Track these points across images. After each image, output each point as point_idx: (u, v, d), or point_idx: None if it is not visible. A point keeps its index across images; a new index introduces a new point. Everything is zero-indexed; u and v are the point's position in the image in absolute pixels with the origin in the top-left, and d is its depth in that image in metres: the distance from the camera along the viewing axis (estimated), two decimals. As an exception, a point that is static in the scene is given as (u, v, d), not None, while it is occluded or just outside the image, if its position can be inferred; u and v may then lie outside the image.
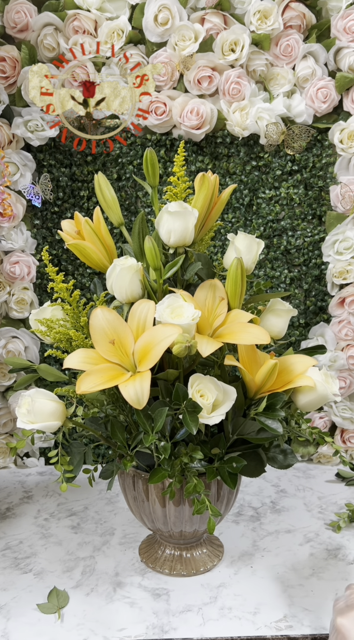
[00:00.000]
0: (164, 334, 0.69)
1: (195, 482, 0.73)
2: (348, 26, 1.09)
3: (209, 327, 0.76)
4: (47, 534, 0.98)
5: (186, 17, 1.10)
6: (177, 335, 0.67)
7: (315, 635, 0.73)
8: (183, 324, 0.69)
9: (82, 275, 1.22)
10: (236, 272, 0.75)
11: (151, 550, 0.90)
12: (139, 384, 0.67)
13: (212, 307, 0.77)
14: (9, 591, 0.83)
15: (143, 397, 0.66)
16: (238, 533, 0.98)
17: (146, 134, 1.17)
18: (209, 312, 0.77)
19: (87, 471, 0.81)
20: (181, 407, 0.71)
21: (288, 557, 0.91)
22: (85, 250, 0.80)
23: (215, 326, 0.76)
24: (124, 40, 1.10)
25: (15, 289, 1.16)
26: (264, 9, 1.08)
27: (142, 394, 0.66)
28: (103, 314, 0.73)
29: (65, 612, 0.78)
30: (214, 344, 0.71)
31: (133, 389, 0.66)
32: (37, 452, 1.25)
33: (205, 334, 0.76)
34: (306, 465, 1.25)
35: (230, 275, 0.75)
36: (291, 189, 1.19)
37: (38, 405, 0.72)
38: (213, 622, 0.76)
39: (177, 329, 0.68)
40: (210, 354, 0.71)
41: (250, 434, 0.78)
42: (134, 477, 0.81)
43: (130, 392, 0.66)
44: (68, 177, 1.18)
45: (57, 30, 1.10)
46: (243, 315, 0.76)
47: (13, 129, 1.11)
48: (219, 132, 1.16)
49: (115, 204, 0.84)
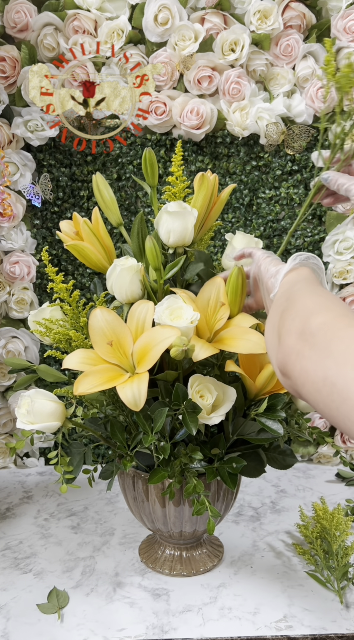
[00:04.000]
0: (162, 335, 0.68)
1: (194, 482, 0.73)
2: (348, 26, 1.09)
3: (209, 330, 0.76)
4: (47, 534, 0.98)
5: (186, 17, 1.10)
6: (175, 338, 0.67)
7: (315, 635, 0.73)
8: (181, 326, 0.69)
9: (82, 275, 1.22)
10: (237, 281, 0.73)
11: (151, 551, 0.90)
12: (137, 385, 0.66)
13: (215, 309, 0.76)
14: (9, 591, 0.83)
15: (141, 399, 0.66)
16: (238, 533, 0.98)
17: (146, 134, 1.17)
18: (211, 314, 0.76)
19: (87, 471, 0.81)
20: (181, 407, 0.71)
21: (288, 557, 0.91)
22: (84, 251, 0.80)
23: (216, 328, 0.75)
24: (124, 40, 1.10)
25: (15, 289, 1.16)
26: (264, 9, 1.08)
27: (139, 396, 0.66)
28: (102, 315, 0.73)
29: (65, 612, 0.78)
30: (208, 350, 0.70)
31: (131, 390, 0.66)
32: (37, 452, 1.25)
33: (204, 336, 0.75)
34: (306, 465, 1.25)
35: (231, 283, 0.73)
36: (291, 189, 1.19)
37: (37, 406, 0.72)
38: (213, 622, 0.76)
39: (176, 330, 0.68)
40: (209, 356, 0.70)
41: (250, 435, 0.78)
42: (134, 477, 0.81)
43: (127, 394, 0.66)
44: (68, 177, 1.18)
45: (57, 30, 1.10)
46: (246, 320, 0.75)
47: (13, 129, 1.11)
48: (219, 132, 1.16)
49: (113, 205, 0.84)
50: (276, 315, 0.56)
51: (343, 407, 0.41)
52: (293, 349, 0.48)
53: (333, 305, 0.50)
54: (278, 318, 0.54)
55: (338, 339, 0.44)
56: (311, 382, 0.45)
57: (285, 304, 0.55)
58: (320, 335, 0.46)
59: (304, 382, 0.46)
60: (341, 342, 0.43)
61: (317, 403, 0.45)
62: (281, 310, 0.54)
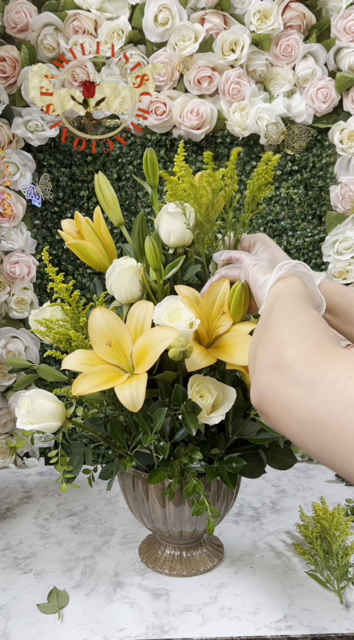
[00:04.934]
0: (161, 336, 0.68)
1: (194, 482, 0.73)
2: (348, 26, 1.09)
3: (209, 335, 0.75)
4: (47, 534, 0.98)
5: (186, 17, 1.10)
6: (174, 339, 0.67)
7: (315, 635, 0.73)
8: (180, 328, 0.68)
9: (82, 275, 1.22)
10: (241, 297, 0.72)
11: (151, 551, 0.90)
12: (135, 386, 0.66)
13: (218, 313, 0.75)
14: (9, 591, 0.83)
15: (139, 400, 0.66)
16: (238, 533, 0.98)
17: (146, 134, 1.17)
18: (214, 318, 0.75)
19: (87, 471, 0.81)
20: (180, 407, 0.71)
21: (288, 557, 0.91)
22: (85, 250, 0.80)
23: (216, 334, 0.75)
24: (124, 40, 1.10)
25: (15, 289, 1.16)
26: (264, 9, 1.08)
27: (137, 397, 0.66)
28: (102, 315, 0.72)
29: (65, 612, 0.78)
30: (203, 361, 0.70)
31: (129, 391, 0.66)
32: (37, 452, 1.25)
33: (204, 339, 0.75)
34: (306, 465, 1.25)
35: (233, 298, 0.73)
36: (291, 189, 1.19)
37: (38, 406, 0.72)
38: (213, 622, 0.76)
39: (175, 331, 0.68)
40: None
41: (250, 435, 0.78)
42: (134, 477, 0.81)
43: (125, 395, 0.66)
44: (68, 177, 1.18)
45: (57, 30, 1.10)
46: (247, 325, 0.74)
47: (13, 129, 1.11)
48: (219, 132, 1.16)
49: (115, 204, 0.84)
50: (254, 338, 0.52)
51: (340, 450, 0.37)
52: (269, 386, 0.44)
53: (308, 332, 0.46)
54: (255, 343, 0.51)
55: (319, 374, 0.40)
56: (298, 423, 0.41)
57: (262, 327, 0.51)
58: (298, 370, 0.42)
59: (288, 423, 0.42)
60: (324, 379, 0.39)
61: (306, 445, 0.41)
62: (259, 335, 0.51)
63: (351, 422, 0.36)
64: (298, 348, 0.44)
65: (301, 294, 0.55)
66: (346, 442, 0.37)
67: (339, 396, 0.38)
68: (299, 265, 0.60)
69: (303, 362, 0.42)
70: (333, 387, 0.38)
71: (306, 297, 0.56)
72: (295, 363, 0.43)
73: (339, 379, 0.38)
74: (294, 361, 0.43)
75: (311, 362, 0.42)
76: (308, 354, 0.43)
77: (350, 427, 0.36)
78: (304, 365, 0.42)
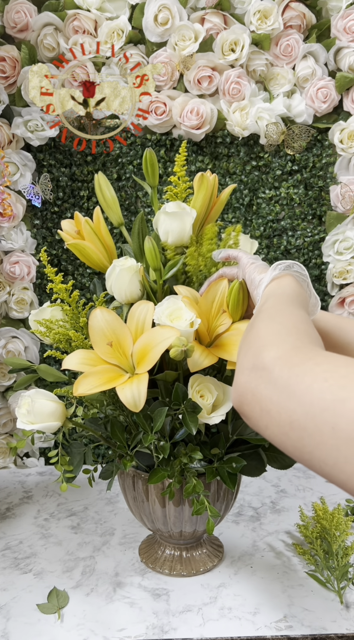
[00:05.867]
0: (162, 336, 0.68)
1: (194, 482, 0.73)
2: (348, 26, 1.09)
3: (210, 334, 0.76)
4: (47, 534, 0.98)
5: (186, 17, 1.10)
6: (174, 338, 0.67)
7: (315, 635, 0.73)
8: (180, 328, 0.68)
9: (82, 275, 1.22)
10: (239, 295, 0.72)
11: (151, 551, 0.90)
12: (136, 386, 0.66)
13: (218, 312, 0.75)
14: (9, 591, 0.83)
15: (140, 400, 0.66)
16: (238, 533, 0.98)
17: (146, 134, 1.17)
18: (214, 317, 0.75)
19: (87, 471, 0.81)
20: (181, 407, 0.71)
21: (288, 557, 0.91)
22: (85, 250, 0.80)
23: (216, 333, 0.75)
24: (124, 40, 1.10)
25: (15, 289, 1.16)
26: (264, 9, 1.08)
27: (138, 397, 0.65)
28: (102, 315, 0.72)
29: (65, 612, 0.78)
30: (206, 360, 0.70)
31: (130, 391, 0.66)
32: (37, 452, 1.25)
33: (205, 339, 0.75)
34: (306, 465, 1.25)
35: (232, 296, 0.73)
36: (291, 189, 1.19)
37: (38, 406, 0.72)
38: (213, 622, 0.76)
39: (175, 331, 0.68)
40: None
41: (250, 434, 0.78)
42: (134, 477, 0.81)
43: (127, 395, 0.66)
44: (68, 177, 1.18)
45: (57, 30, 1.10)
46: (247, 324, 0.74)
47: (13, 129, 1.11)
48: (219, 132, 1.16)
49: (115, 204, 0.84)
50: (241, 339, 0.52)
51: (317, 452, 0.37)
52: (248, 388, 0.44)
53: (287, 334, 0.46)
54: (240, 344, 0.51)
55: (296, 376, 0.40)
56: (276, 425, 0.41)
57: (248, 328, 0.51)
58: (276, 372, 0.42)
59: (267, 425, 0.42)
60: (301, 381, 0.39)
61: (286, 446, 0.41)
62: (244, 336, 0.51)
63: (328, 424, 0.36)
64: (276, 350, 0.44)
65: (293, 294, 0.55)
66: (323, 444, 0.37)
67: (315, 398, 0.38)
68: (294, 265, 0.60)
69: (281, 364, 0.42)
70: (309, 390, 0.38)
71: (298, 297, 0.55)
72: (273, 365, 0.43)
73: (316, 382, 0.38)
74: (272, 363, 0.43)
75: (289, 364, 0.42)
76: (286, 356, 0.43)
77: (327, 429, 0.36)
78: (282, 367, 0.42)
